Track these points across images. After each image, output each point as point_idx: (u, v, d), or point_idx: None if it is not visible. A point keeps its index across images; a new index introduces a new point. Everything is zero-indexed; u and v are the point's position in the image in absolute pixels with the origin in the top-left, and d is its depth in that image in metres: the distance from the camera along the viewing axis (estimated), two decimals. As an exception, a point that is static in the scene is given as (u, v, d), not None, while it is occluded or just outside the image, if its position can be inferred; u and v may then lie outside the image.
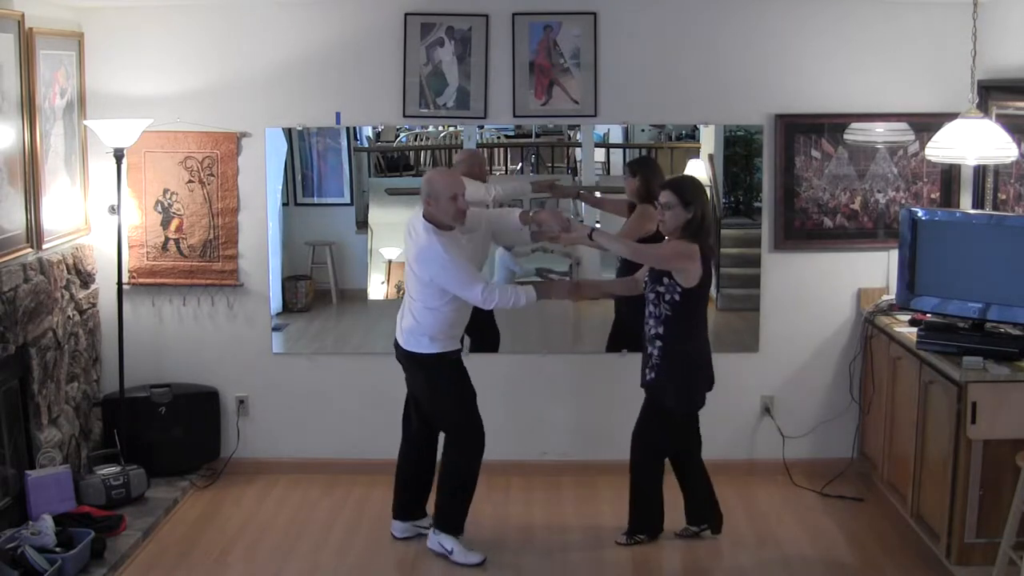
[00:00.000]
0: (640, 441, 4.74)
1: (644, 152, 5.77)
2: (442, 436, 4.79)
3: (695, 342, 4.58)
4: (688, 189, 4.48)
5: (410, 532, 4.92)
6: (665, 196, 4.47)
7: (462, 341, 4.72)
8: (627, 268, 5.02)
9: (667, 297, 4.48)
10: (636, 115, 5.53)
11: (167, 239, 5.53)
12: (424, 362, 4.62)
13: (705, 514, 4.88)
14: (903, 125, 5.44)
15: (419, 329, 4.57)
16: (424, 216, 4.48)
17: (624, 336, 5.53)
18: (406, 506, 4.92)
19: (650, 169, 5.16)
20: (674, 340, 4.52)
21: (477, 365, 4.88)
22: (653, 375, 4.59)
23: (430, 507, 4.85)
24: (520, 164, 5.98)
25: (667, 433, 4.72)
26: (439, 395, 4.70)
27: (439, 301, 4.51)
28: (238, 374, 5.65)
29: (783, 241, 5.52)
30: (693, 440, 4.85)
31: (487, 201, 5.04)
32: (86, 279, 5.40)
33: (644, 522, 4.83)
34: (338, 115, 5.48)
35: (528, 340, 5.63)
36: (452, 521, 4.71)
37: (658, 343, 4.55)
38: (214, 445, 5.66)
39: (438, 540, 4.72)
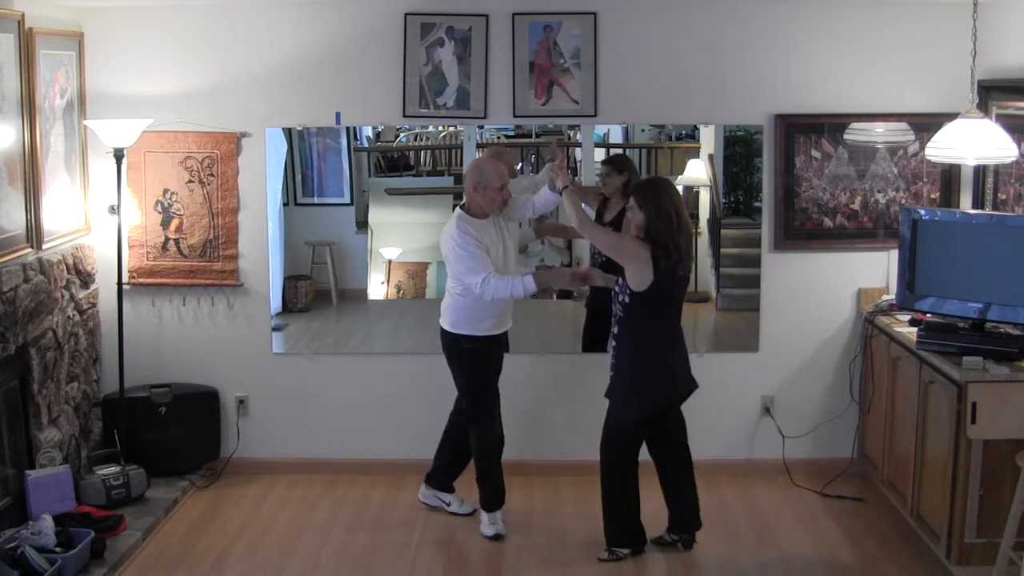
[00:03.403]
0: (602, 448, 4.66)
1: (643, 151, 5.78)
2: None
3: (644, 349, 4.45)
4: (643, 190, 4.45)
5: (430, 500, 5.19)
6: (631, 197, 4.49)
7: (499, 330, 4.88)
8: (610, 264, 4.74)
9: (620, 298, 4.45)
10: (636, 115, 5.53)
11: (167, 239, 5.53)
12: (444, 340, 4.86)
13: (684, 524, 4.75)
14: (903, 125, 5.44)
15: (447, 307, 4.82)
16: (465, 202, 4.69)
17: (593, 335, 5.53)
18: (434, 473, 5.18)
19: (633, 167, 5.32)
20: (623, 344, 4.47)
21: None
22: (610, 377, 4.58)
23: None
24: (520, 164, 5.98)
25: (623, 441, 4.59)
26: (455, 374, 4.92)
27: (455, 286, 4.74)
28: (238, 374, 5.65)
29: (783, 241, 5.52)
30: (660, 448, 4.70)
31: (533, 191, 5.06)
32: (86, 279, 5.40)
33: (620, 535, 4.67)
34: (338, 115, 5.48)
35: (528, 340, 5.61)
36: (485, 499, 4.95)
37: (614, 344, 4.53)
38: (214, 445, 5.66)
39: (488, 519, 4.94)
